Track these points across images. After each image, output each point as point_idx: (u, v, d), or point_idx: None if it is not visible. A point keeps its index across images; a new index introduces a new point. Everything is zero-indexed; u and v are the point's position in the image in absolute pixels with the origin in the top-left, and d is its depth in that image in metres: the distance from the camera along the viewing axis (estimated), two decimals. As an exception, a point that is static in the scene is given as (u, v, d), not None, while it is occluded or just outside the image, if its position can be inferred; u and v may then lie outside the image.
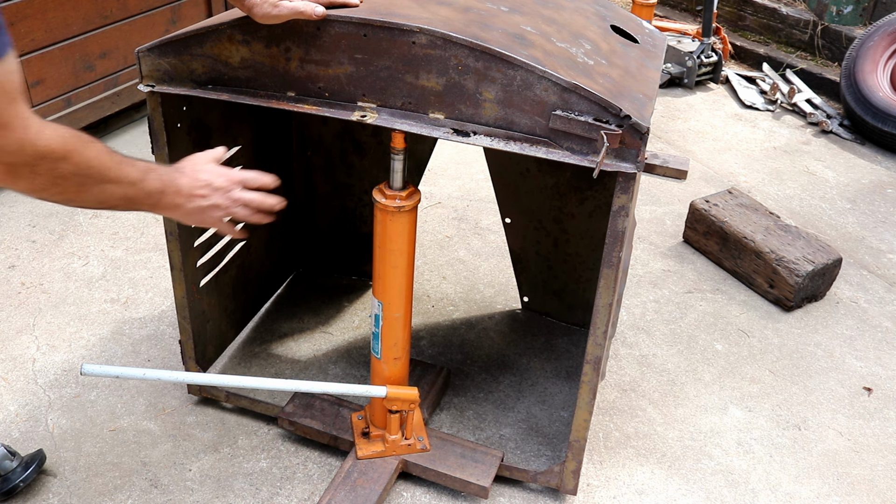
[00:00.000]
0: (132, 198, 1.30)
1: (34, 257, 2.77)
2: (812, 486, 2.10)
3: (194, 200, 1.41)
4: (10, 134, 1.07)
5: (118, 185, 1.26)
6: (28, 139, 1.09)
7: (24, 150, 1.09)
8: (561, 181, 2.29)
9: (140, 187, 1.30)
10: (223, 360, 2.35)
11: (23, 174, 1.12)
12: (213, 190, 1.43)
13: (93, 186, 1.22)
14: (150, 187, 1.32)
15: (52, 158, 1.13)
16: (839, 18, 4.72)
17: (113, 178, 1.25)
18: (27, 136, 1.09)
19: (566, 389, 2.33)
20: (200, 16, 3.73)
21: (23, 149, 1.09)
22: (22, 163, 1.10)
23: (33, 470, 1.91)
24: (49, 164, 1.13)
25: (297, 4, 1.48)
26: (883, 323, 2.72)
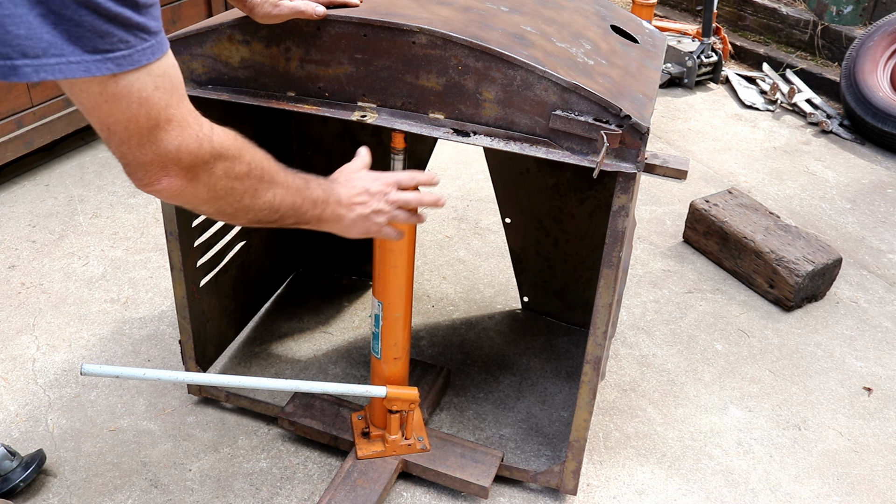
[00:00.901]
0: (299, 207, 1.26)
1: (34, 257, 2.77)
2: (812, 486, 2.10)
3: (354, 209, 1.38)
4: (188, 130, 1.04)
5: (287, 189, 1.22)
6: (205, 135, 1.06)
7: (203, 148, 1.06)
8: (561, 181, 2.29)
9: (306, 195, 1.27)
10: (223, 360, 2.35)
11: (202, 177, 1.08)
12: (371, 195, 1.41)
13: (266, 190, 1.18)
14: (315, 195, 1.29)
15: (227, 157, 1.10)
16: (839, 18, 4.72)
17: (281, 182, 1.21)
18: (203, 132, 1.06)
19: (566, 389, 2.33)
20: (200, 16, 3.73)
21: (201, 146, 1.05)
22: (201, 162, 1.07)
23: (33, 470, 1.91)
24: (225, 164, 1.10)
25: (297, 4, 1.48)
26: (883, 323, 2.72)
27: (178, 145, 1.03)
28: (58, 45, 0.90)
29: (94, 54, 0.92)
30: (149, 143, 1.01)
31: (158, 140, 1.02)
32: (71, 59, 0.91)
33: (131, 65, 0.95)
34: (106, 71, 0.93)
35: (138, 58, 0.95)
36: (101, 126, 1.00)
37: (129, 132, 1.00)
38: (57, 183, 3.21)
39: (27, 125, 3.09)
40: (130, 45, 0.94)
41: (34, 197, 3.11)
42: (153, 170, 1.04)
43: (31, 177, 3.25)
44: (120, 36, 0.93)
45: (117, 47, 0.93)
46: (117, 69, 0.94)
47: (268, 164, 1.20)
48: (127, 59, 0.95)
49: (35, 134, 3.13)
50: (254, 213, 1.20)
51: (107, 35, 0.92)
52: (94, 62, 0.92)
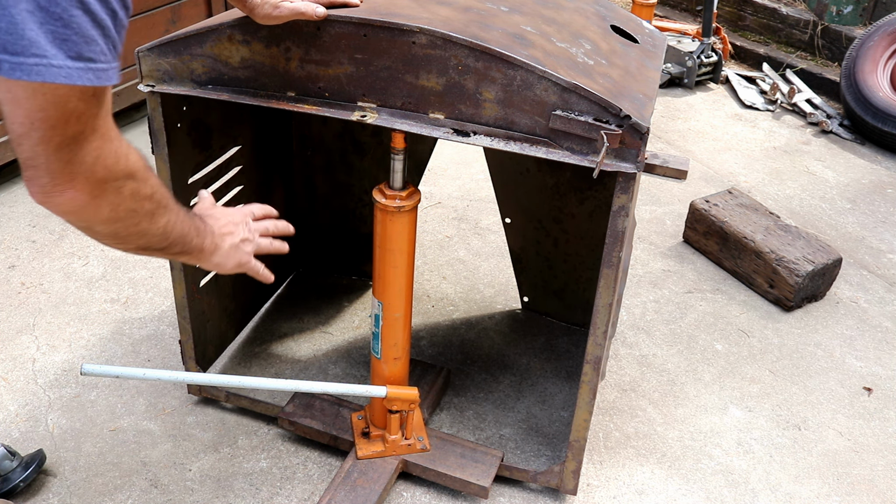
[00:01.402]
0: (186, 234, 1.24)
1: (34, 257, 2.77)
2: (812, 486, 2.10)
3: (226, 239, 1.39)
4: (109, 144, 1.00)
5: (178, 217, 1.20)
6: (123, 153, 1.03)
7: (118, 164, 1.02)
8: (561, 181, 2.29)
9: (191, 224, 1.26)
10: (223, 360, 2.35)
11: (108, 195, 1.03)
12: (235, 225, 1.43)
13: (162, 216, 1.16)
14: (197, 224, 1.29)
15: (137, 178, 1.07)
16: (839, 18, 4.72)
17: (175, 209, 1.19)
18: (122, 150, 1.03)
19: (566, 389, 2.33)
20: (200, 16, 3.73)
21: (117, 162, 1.02)
22: (112, 178, 1.02)
23: (33, 470, 1.91)
24: (134, 185, 1.06)
25: (297, 5, 1.48)
26: (883, 323, 2.72)
27: (96, 157, 0.99)
28: (40, 44, 0.86)
29: (76, 61, 0.88)
30: (67, 147, 0.95)
31: (78, 147, 0.96)
32: (53, 63, 0.87)
33: (107, 81, 0.92)
34: (87, 82, 0.90)
35: (111, 75, 0.93)
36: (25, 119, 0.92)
37: (53, 131, 0.93)
38: (57, 183, 3.21)
39: (27, 125, 3.09)
40: (107, 60, 0.92)
41: (34, 197, 3.10)
42: (61, 178, 0.97)
43: (31, 177, 3.24)
44: (101, 47, 0.90)
45: (99, 58, 0.90)
46: (97, 82, 0.91)
47: (165, 191, 1.17)
48: (104, 73, 0.92)
49: (35, 134, 3.12)
50: (147, 238, 1.16)
51: (92, 42, 0.89)
52: (76, 70, 0.89)
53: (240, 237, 1.43)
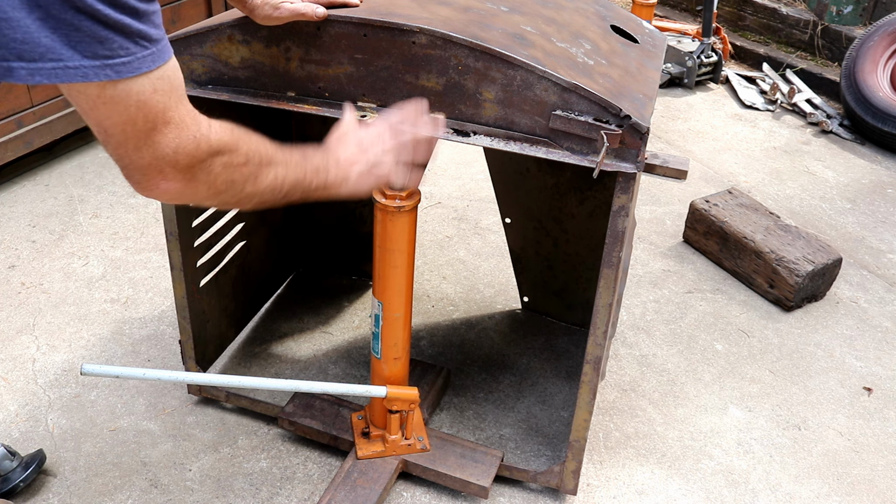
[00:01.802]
0: (302, 179, 1.25)
1: (34, 257, 2.77)
2: (812, 486, 2.10)
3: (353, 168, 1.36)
4: (185, 132, 1.03)
5: (287, 167, 1.22)
6: (202, 135, 1.06)
7: (200, 148, 1.06)
8: (561, 181, 2.29)
9: (306, 166, 1.26)
10: (223, 360, 2.35)
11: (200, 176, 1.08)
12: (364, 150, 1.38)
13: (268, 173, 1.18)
14: (314, 163, 1.28)
15: (224, 152, 1.10)
16: (839, 18, 4.72)
17: (280, 161, 1.21)
18: (201, 132, 1.06)
19: (566, 389, 2.33)
20: (200, 16, 3.73)
21: (199, 146, 1.05)
22: (198, 162, 1.06)
23: (33, 470, 1.91)
24: (223, 158, 1.10)
25: (297, 6, 1.48)
26: (883, 323, 2.72)
27: (175, 147, 1.03)
28: (56, 49, 0.89)
29: (93, 60, 0.91)
30: (146, 145, 1.00)
31: (155, 143, 1.01)
32: (69, 65, 0.90)
33: (131, 72, 0.95)
34: (104, 77, 0.93)
35: (138, 65, 0.95)
36: (98, 128, 0.99)
37: (126, 135, 0.99)
38: (57, 183, 3.21)
39: (27, 125, 3.09)
40: (131, 53, 0.94)
41: (34, 197, 3.11)
42: (151, 173, 1.03)
43: (31, 177, 3.25)
44: (120, 42, 0.92)
45: (117, 54, 0.93)
46: (116, 76, 0.94)
47: (264, 148, 1.19)
48: (127, 66, 0.94)
49: (35, 134, 3.13)
50: (258, 196, 1.20)
51: (106, 41, 0.91)
52: (92, 68, 0.92)
53: (371, 162, 1.38)
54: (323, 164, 1.31)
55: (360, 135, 1.41)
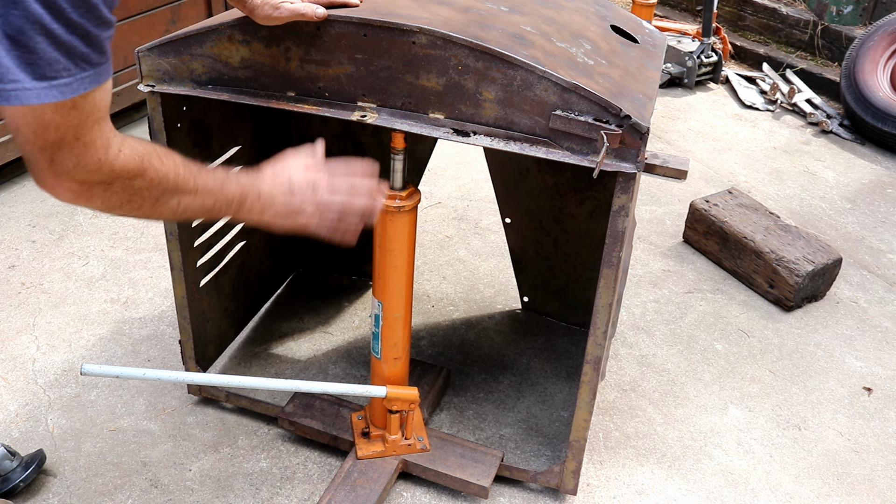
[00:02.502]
0: (211, 207, 1.27)
1: (34, 257, 2.77)
2: (812, 486, 2.10)
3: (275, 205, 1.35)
4: (92, 153, 1.05)
5: (195, 195, 1.23)
6: (107, 160, 1.08)
7: (101, 171, 1.08)
8: (561, 181, 2.29)
9: (218, 195, 1.27)
10: (223, 360, 2.35)
11: (97, 192, 1.10)
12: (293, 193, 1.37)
13: (168, 200, 1.20)
14: (229, 195, 1.29)
15: (127, 176, 1.12)
16: (839, 18, 4.72)
17: (189, 190, 1.22)
18: (107, 157, 1.07)
19: (566, 389, 2.33)
20: (200, 16, 3.73)
21: (100, 169, 1.07)
22: (98, 181, 1.09)
23: (33, 470, 1.91)
24: (123, 182, 1.12)
25: (297, 6, 1.48)
26: (883, 323, 2.72)
27: (75, 164, 1.05)
28: (13, 70, 0.92)
29: (41, 81, 0.94)
30: (48, 152, 1.02)
31: (58, 154, 1.03)
32: (26, 86, 0.93)
33: (72, 93, 0.97)
34: (52, 98, 0.95)
35: (77, 87, 0.98)
36: (10, 124, 1.01)
37: (35, 136, 1.00)
38: (57, 183, 3.20)
39: (27, 125, 3.09)
40: (71, 74, 0.96)
41: (34, 197, 3.11)
42: (47, 176, 1.05)
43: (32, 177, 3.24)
44: (64, 63, 0.95)
45: (60, 74, 0.95)
46: (60, 97, 0.96)
47: (175, 175, 1.19)
48: (68, 87, 0.97)
49: (35, 134, 3.12)
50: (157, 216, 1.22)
51: (54, 62, 0.94)
52: (41, 89, 0.94)
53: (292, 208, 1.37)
54: (240, 195, 1.31)
55: (296, 177, 1.39)
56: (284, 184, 1.37)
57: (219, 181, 1.28)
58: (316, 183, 1.39)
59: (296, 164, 1.41)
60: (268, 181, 1.36)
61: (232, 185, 1.30)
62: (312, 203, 1.39)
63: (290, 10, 1.48)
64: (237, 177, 1.32)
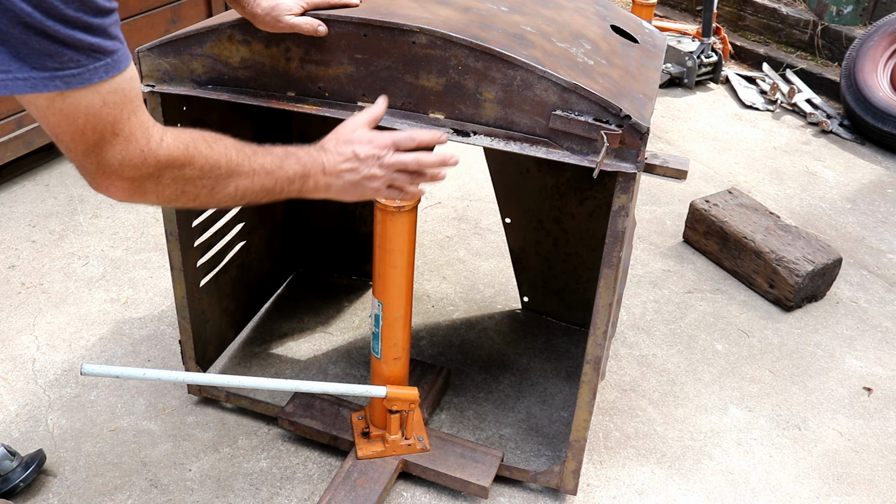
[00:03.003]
0: (272, 188, 1.25)
1: (34, 257, 2.77)
2: (812, 486, 2.10)
3: (342, 176, 1.34)
4: (133, 146, 1.04)
5: (253, 177, 1.21)
6: (151, 150, 1.06)
7: (147, 163, 1.06)
8: (561, 181, 2.29)
9: (278, 175, 1.25)
10: (223, 360, 2.35)
11: (148, 187, 1.09)
12: (361, 161, 1.35)
13: (226, 185, 1.18)
14: (291, 172, 1.27)
15: (175, 166, 1.10)
16: (839, 18, 4.72)
17: (246, 173, 1.20)
18: (150, 147, 1.06)
19: (566, 389, 2.33)
20: (200, 16, 3.73)
21: (145, 161, 1.06)
22: (146, 175, 1.07)
23: (33, 470, 1.91)
24: (173, 173, 1.10)
25: (298, 22, 1.48)
26: (883, 323, 2.72)
27: (120, 160, 1.04)
28: (4, 61, 0.91)
29: (41, 71, 0.93)
30: (93, 154, 1.02)
31: (102, 153, 1.02)
32: (17, 76, 0.92)
33: (81, 83, 0.96)
34: (53, 88, 0.94)
35: (89, 76, 0.96)
36: (50, 133, 1.01)
37: (74, 142, 1.01)
38: (57, 183, 3.21)
39: (27, 125, 3.09)
40: (82, 65, 0.95)
41: (34, 197, 3.11)
42: (98, 177, 1.05)
43: (31, 177, 3.25)
44: (70, 55, 0.93)
45: (67, 66, 0.94)
46: (66, 87, 0.95)
47: (227, 160, 1.18)
48: (77, 77, 0.95)
49: (35, 134, 3.13)
50: (215, 203, 1.21)
51: (56, 54, 0.93)
52: (41, 79, 0.93)
53: (362, 174, 1.35)
54: (302, 172, 1.29)
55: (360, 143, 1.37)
56: (349, 156, 1.35)
57: (277, 160, 1.25)
58: (380, 154, 1.38)
59: (359, 135, 1.38)
60: (332, 155, 1.34)
61: (292, 162, 1.28)
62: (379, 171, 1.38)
63: (291, 26, 1.48)
64: (297, 153, 1.30)
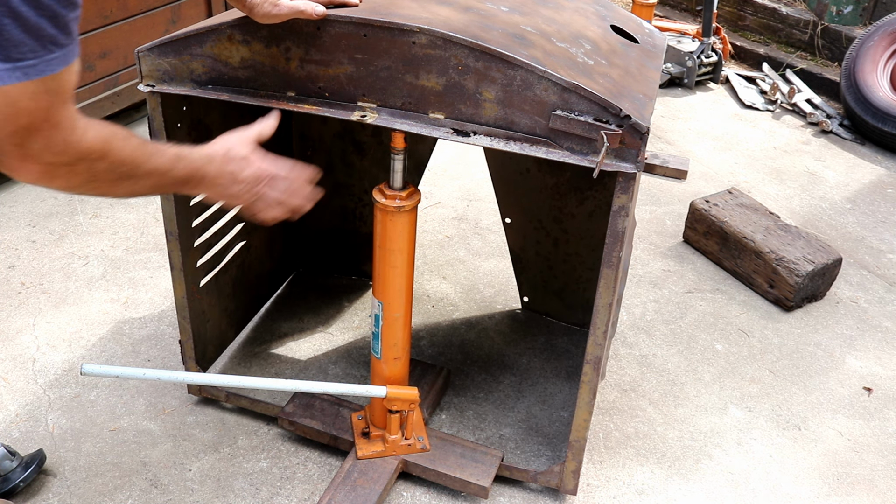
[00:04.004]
0: (161, 186, 1.30)
1: (34, 257, 2.77)
2: (812, 486, 2.10)
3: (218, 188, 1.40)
4: (59, 134, 1.07)
5: (148, 178, 1.26)
6: (73, 140, 1.09)
7: (68, 152, 1.09)
8: (561, 181, 2.29)
9: (169, 177, 1.30)
10: (223, 360, 2.35)
11: (60, 174, 1.12)
12: (236, 182, 1.41)
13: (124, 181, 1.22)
14: (178, 176, 1.32)
15: (90, 159, 1.13)
16: (839, 18, 4.72)
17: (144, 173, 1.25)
18: (73, 137, 1.09)
19: (566, 389, 2.33)
20: (200, 16, 3.73)
21: (66, 150, 1.09)
22: (62, 163, 1.10)
23: (33, 470, 1.91)
24: (87, 164, 1.13)
25: (297, 4, 1.48)
26: (883, 323, 2.72)
27: (43, 146, 1.06)
28: None
29: (5, 62, 0.95)
30: (17, 135, 1.03)
31: (28, 137, 1.04)
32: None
33: (37, 74, 0.98)
34: (15, 80, 0.96)
35: (43, 68, 0.98)
36: None
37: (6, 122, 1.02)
38: (57, 183, 3.21)
39: (27, 125, 3.09)
40: (38, 56, 0.97)
41: (34, 197, 3.11)
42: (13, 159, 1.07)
43: (31, 177, 3.24)
44: (30, 45, 0.96)
45: (26, 56, 0.96)
46: (25, 78, 0.97)
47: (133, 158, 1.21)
48: (33, 68, 0.97)
49: (35, 134, 3.12)
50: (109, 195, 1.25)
51: (20, 45, 0.94)
52: (5, 70, 0.95)
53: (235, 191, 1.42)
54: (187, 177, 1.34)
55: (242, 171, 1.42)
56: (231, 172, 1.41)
57: (170, 163, 1.30)
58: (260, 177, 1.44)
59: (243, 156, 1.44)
60: (216, 166, 1.39)
61: (181, 167, 1.33)
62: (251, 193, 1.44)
63: (290, 8, 1.48)
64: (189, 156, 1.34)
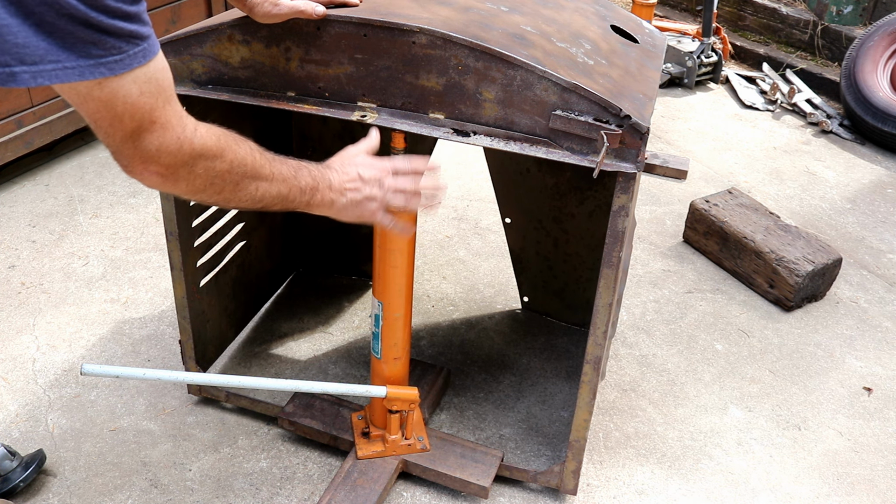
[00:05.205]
0: (286, 195, 1.31)
1: (34, 257, 2.77)
2: (812, 486, 2.10)
3: (346, 195, 1.41)
4: (170, 133, 1.08)
5: (272, 182, 1.27)
6: (186, 137, 1.10)
7: (183, 150, 1.10)
8: (561, 181, 2.29)
9: (293, 184, 1.31)
10: (223, 360, 2.35)
11: (182, 175, 1.13)
12: (364, 182, 1.43)
13: (249, 184, 1.23)
14: (303, 183, 1.33)
15: (208, 157, 1.14)
16: (839, 18, 4.72)
17: (267, 176, 1.26)
18: (185, 135, 1.10)
19: (566, 389, 2.33)
20: (200, 16, 3.73)
21: (181, 148, 1.10)
22: (181, 163, 1.11)
23: (33, 470, 1.91)
24: (206, 163, 1.15)
25: (297, 3, 1.48)
26: (883, 323, 2.72)
27: (157, 147, 1.08)
28: (53, 51, 0.94)
29: (87, 59, 0.96)
30: (131, 140, 1.06)
31: (140, 140, 1.06)
32: (66, 65, 0.95)
33: (123, 69, 1.00)
34: (99, 75, 0.98)
35: (129, 62, 1.00)
36: (88, 119, 1.05)
37: (112, 129, 1.04)
38: (57, 183, 3.21)
39: (27, 125, 3.09)
40: (122, 51, 0.99)
41: (34, 197, 3.11)
42: (134, 163, 1.09)
43: (31, 177, 3.25)
44: (112, 42, 0.98)
45: (110, 53, 0.98)
46: (110, 73, 0.99)
47: (252, 160, 1.24)
48: (119, 63, 0.99)
49: (35, 134, 3.13)
50: (236, 202, 1.26)
51: (100, 42, 0.96)
52: (87, 67, 0.97)
53: (364, 195, 1.43)
54: (311, 185, 1.35)
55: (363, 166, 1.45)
56: (354, 176, 1.42)
57: (292, 169, 1.31)
58: (381, 176, 1.46)
59: (361, 159, 1.47)
60: (338, 174, 1.41)
61: (304, 174, 1.34)
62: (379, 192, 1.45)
63: (290, 7, 1.48)
64: (308, 167, 1.36)
